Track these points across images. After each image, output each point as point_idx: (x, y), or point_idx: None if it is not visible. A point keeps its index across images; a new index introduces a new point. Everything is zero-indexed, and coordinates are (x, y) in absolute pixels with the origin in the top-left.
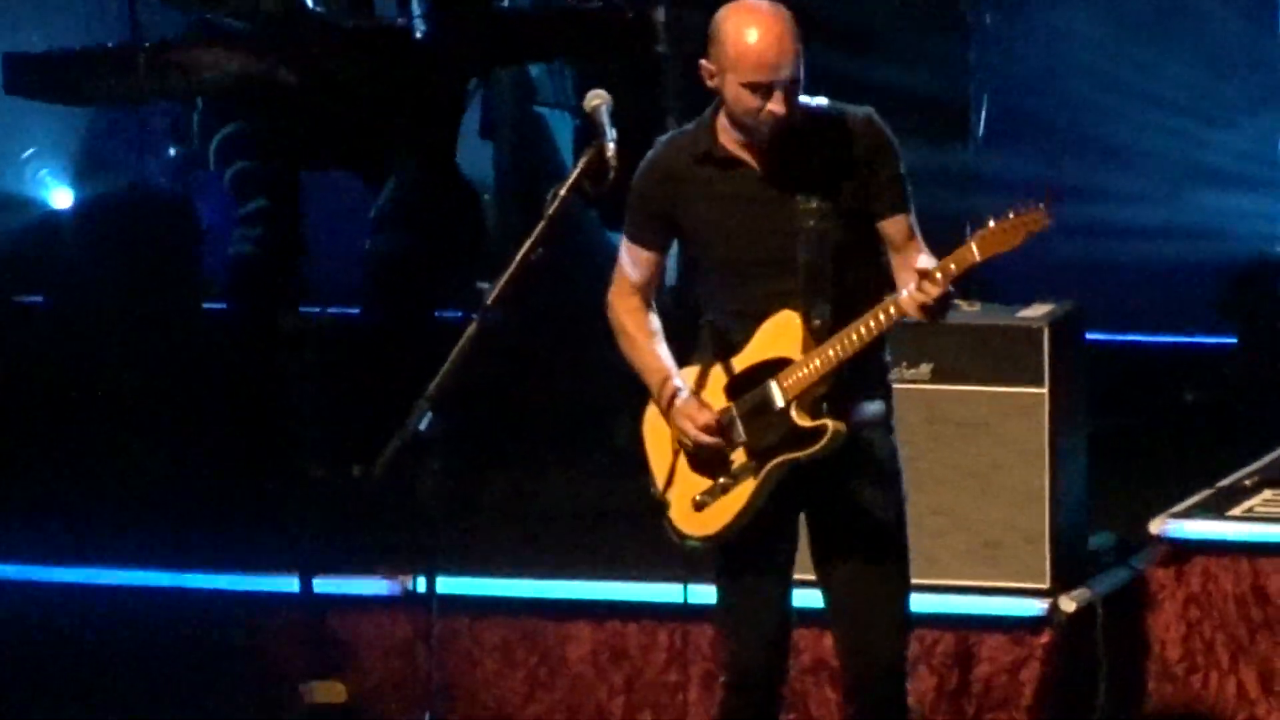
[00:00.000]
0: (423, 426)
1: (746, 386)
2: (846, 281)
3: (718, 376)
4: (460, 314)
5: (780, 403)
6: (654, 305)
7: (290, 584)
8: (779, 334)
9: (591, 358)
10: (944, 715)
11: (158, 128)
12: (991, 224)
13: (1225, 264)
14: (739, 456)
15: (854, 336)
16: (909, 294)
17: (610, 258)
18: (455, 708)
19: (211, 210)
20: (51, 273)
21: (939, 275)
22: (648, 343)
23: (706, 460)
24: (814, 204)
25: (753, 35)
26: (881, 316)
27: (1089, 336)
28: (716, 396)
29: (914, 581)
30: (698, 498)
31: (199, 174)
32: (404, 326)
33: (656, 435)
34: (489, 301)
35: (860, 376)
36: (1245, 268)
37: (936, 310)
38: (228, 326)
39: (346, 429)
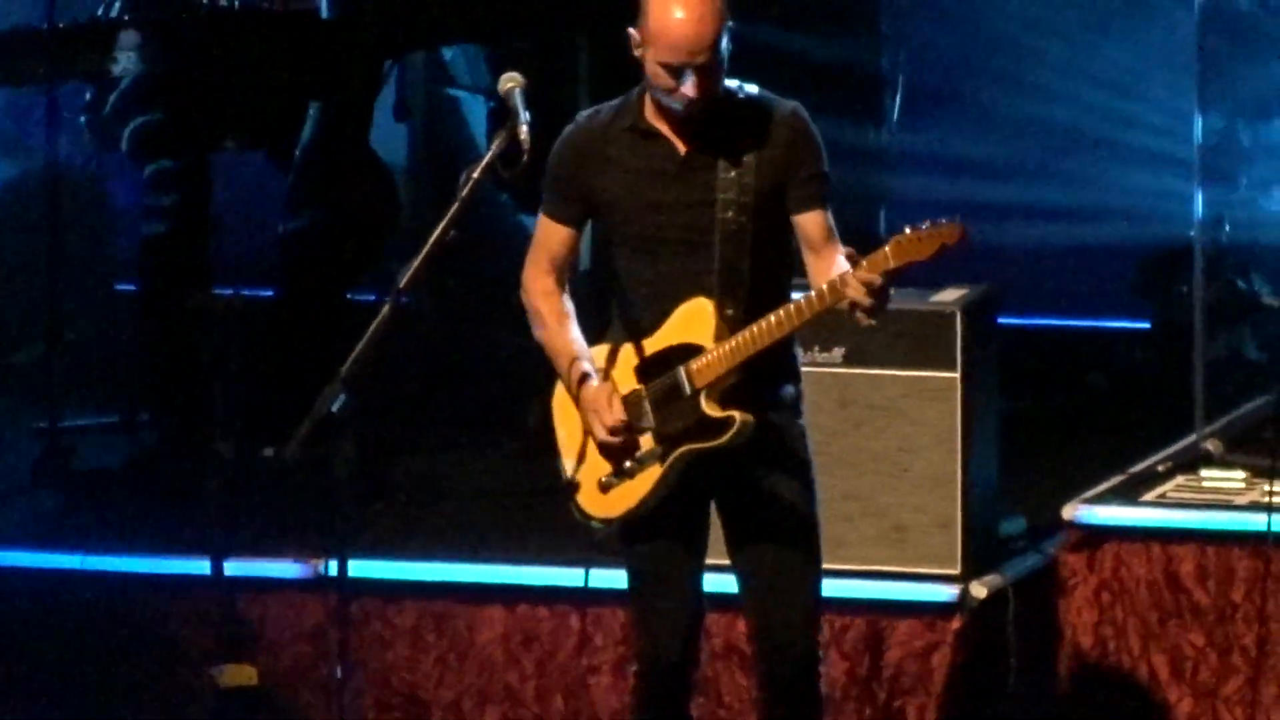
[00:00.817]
0: (335, 408)
1: (657, 370)
2: (760, 273)
3: (628, 357)
4: (373, 296)
5: (689, 390)
6: (567, 287)
7: (201, 566)
8: (691, 320)
9: (504, 340)
10: (855, 700)
11: (70, 110)
12: (908, 231)
13: (1140, 248)
14: (646, 441)
15: (767, 328)
16: (851, 278)
17: (524, 240)
18: (367, 691)
19: (124, 192)
20: None
21: (850, 277)
22: (559, 325)
23: (612, 444)
24: (733, 190)
25: (674, 14)
26: (794, 312)
27: (1002, 320)
28: (626, 378)
29: (825, 566)
30: (603, 480)
31: (111, 156)
32: (316, 307)
33: (565, 416)
34: (402, 284)
35: (771, 361)
36: (1159, 252)
37: (880, 296)
38: (139, 306)
39: (258, 410)
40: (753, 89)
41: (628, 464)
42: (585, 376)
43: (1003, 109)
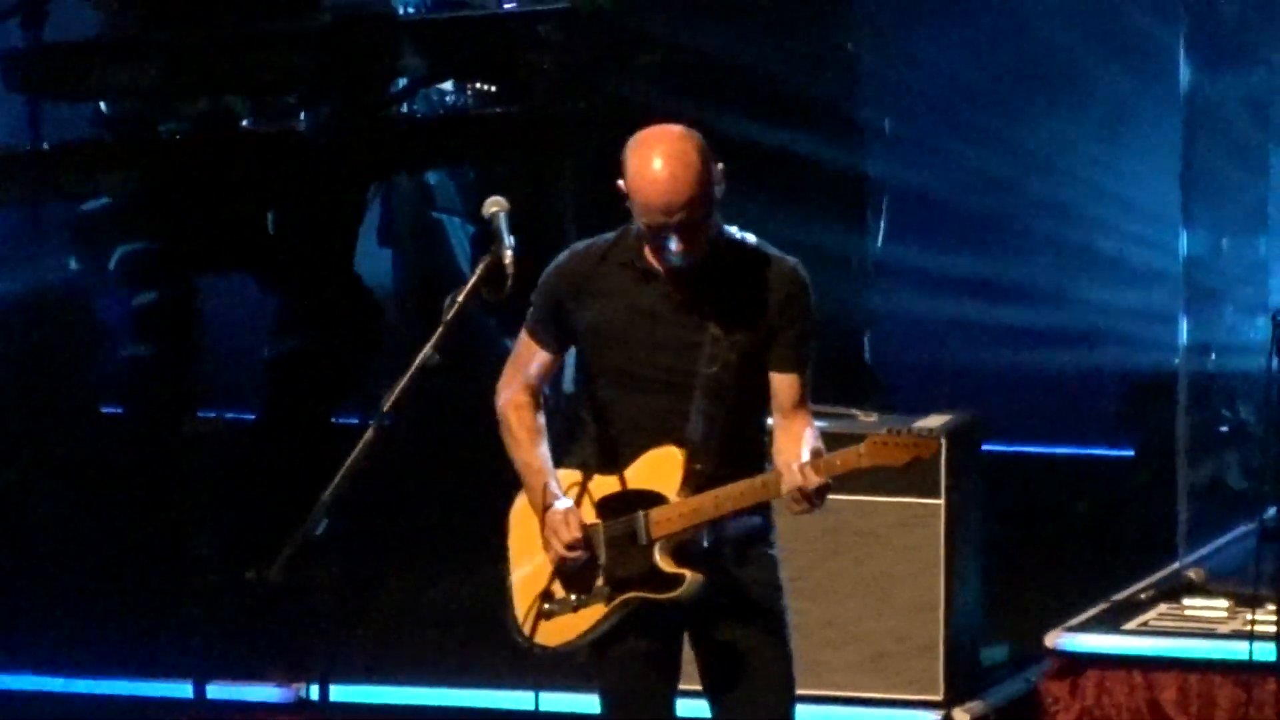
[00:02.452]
0: (318, 531)
1: (617, 510)
2: (736, 428)
3: (592, 489)
4: (357, 419)
5: (645, 539)
6: (541, 405)
7: (184, 690)
8: (659, 467)
9: (487, 462)
10: None
11: (55, 230)
12: (886, 434)
13: (1125, 374)
14: (597, 579)
15: (727, 501)
16: (788, 476)
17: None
18: None
19: (111, 313)
20: None
21: (822, 466)
22: (530, 440)
23: (565, 570)
24: (722, 343)
25: (649, 176)
26: (760, 487)
27: (986, 447)
28: (587, 511)
29: (808, 692)
30: (547, 606)
31: (98, 277)
32: (300, 430)
33: (522, 529)
34: (385, 406)
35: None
36: (1144, 379)
37: (814, 499)
38: (123, 429)
39: (242, 533)
40: (751, 237)
41: (574, 596)
42: (555, 498)
43: (983, 218)
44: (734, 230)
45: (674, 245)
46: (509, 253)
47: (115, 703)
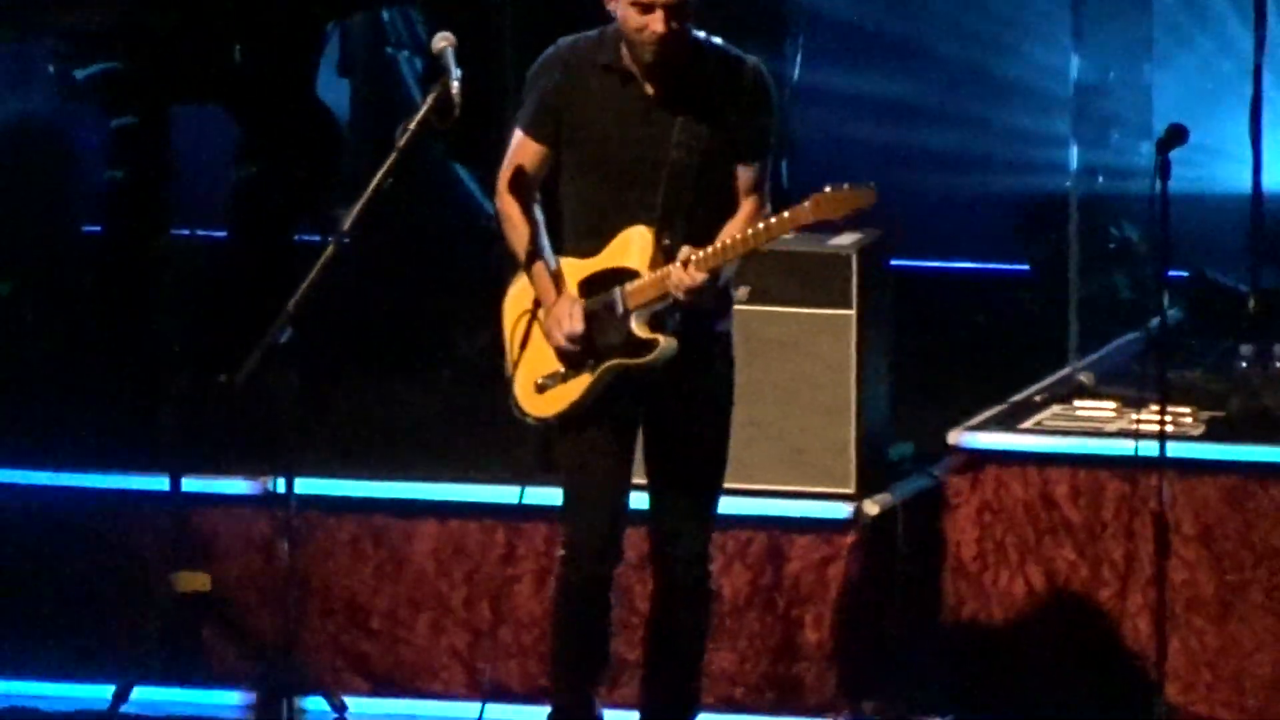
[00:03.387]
0: (282, 339)
1: (596, 288)
2: (700, 210)
3: (571, 273)
4: (318, 237)
5: (621, 310)
6: (538, 198)
7: (161, 483)
8: (631, 246)
9: (437, 277)
10: (758, 608)
11: (36, 61)
12: (828, 189)
13: (1021, 197)
14: (583, 353)
15: (693, 266)
16: (675, 270)
17: (452, 187)
18: (310, 597)
19: (89, 138)
20: None
21: (704, 260)
22: (531, 230)
23: (561, 351)
24: (689, 133)
25: None
26: (700, 254)
27: (894, 263)
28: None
29: (729, 485)
30: (540, 381)
31: (76, 105)
32: (265, 248)
33: (515, 311)
34: (345, 226)
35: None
36: (1038, 201)
37: (693, 293)
38: (103, 247)
39: (213, 341)
40: (717, 40)
41: (563, 369)
42: (554, 286)
43: (905, 42)
44: (701, 34)
45: (659, 23)
46: (455, 83)
47: (99, 494)
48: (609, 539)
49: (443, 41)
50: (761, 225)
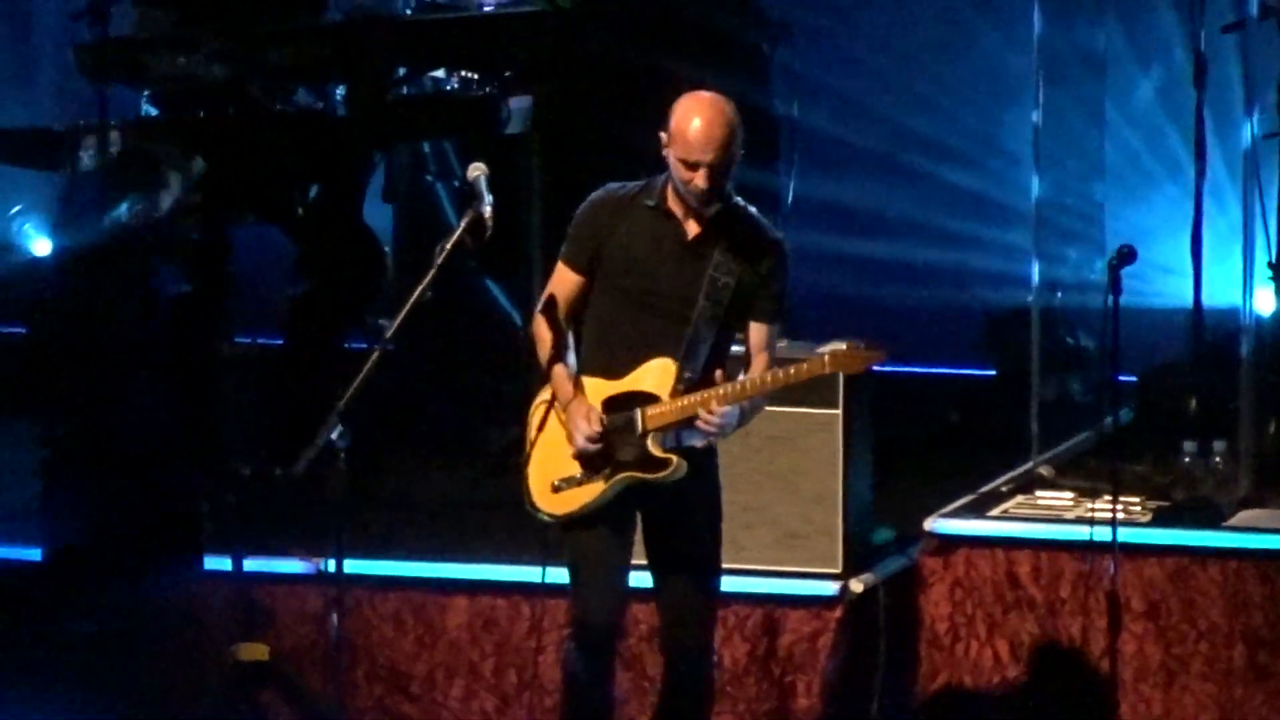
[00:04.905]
0: (334, 435)
1: (619, 407)
2: (714, 351)
3: (596, 390)
4: (364, 344)
5: (640, 429)
6: (570, 324)
7: (224, 563)
8: (656, 375)
9: (469, 380)
10: (755, 675)
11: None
12: (845, 347)
13: (987, 307)
14: (600, 462)
15: (710, 401)
16: (702, 417)
17: (484, 299)
18: (357, 664)
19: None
20: (32, 307)
21: (732, 394)
22: (556, 347)
23: (579, 455)
24: (718, 281)
25: (692, 121)
26: (722, 392)
27: (874, 368)
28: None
29: (730, 566)
30: (557, 483)
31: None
32: (318, 354)
33: (538, 420)
34: (388, 334)
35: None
36: (1002, 312)
37: (714, 432)
38: (175, 354)
39: (271, 437)
40: (753, 209)
41: (580, 474)
42: (578, 392)
43: (878, 158)
44: (739, 200)
45: (702, 180)
46: (487, 208)
47: (170, 573)
48: (612, 614)
49: (476, 170)
50: (780, 372)
